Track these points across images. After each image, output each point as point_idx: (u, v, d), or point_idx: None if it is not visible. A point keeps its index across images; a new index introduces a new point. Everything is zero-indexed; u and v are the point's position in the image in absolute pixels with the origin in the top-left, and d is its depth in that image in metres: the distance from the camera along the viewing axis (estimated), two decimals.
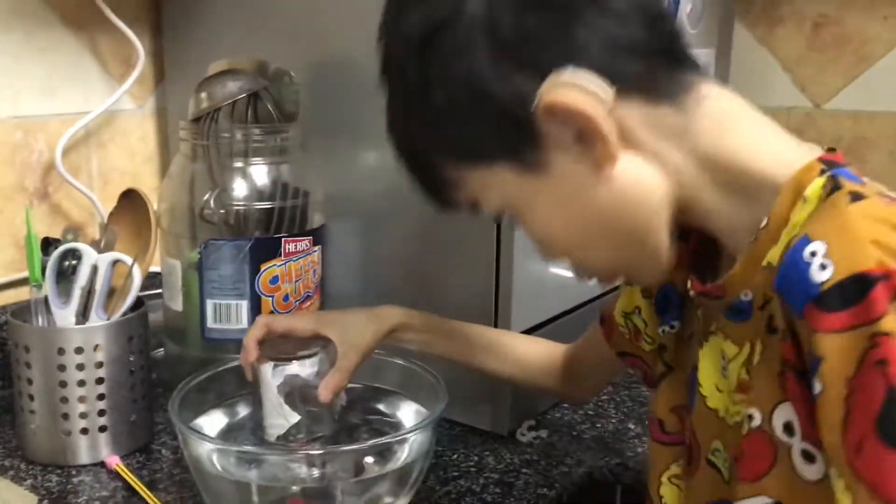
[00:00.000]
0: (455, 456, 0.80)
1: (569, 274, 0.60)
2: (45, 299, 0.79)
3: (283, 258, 0.85)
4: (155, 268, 0.95)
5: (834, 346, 0.42)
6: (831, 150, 0.53)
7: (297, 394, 0.71)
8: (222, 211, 0.85)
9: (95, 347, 0.76)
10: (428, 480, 0.75)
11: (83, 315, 0.79)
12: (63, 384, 0.75)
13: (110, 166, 1.04)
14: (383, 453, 0.68)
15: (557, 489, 0.76)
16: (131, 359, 0.79)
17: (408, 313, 0.77)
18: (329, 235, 0.91)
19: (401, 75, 0.55)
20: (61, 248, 0.79)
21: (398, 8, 0.54)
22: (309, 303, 0.88)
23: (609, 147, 0.50)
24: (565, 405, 0.92)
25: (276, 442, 0.71)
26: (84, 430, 0.77)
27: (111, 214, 0.86)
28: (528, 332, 0.84)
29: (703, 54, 1.09)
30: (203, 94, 0.84)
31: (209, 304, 0.85)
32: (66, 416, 0.76)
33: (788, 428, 0.46)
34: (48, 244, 0.81)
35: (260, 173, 0.86)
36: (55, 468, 0.77)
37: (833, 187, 0.47)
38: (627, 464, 0.81)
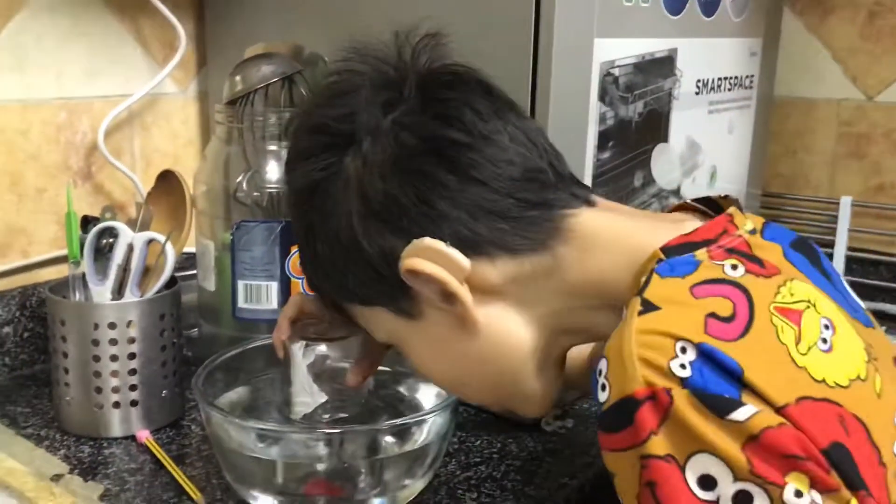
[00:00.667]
0: (478, 442, 0.80)
1: None
2: (83, 276, 0.81)
3: None
4: (191, 248, 0.97)
5: (618, 465, 0.45)
6: (725, 202, 0.54)
7: (326, 375, 0.71)
8: (255, 193, 0.86)
9: (128, 323, 0.78)
10: (449, 465, 0.75)
11: (118, 292, 0.81)
12: (96, 358, 0.78)
13: (152, 148, 1.06)
14: (401, 434, 0.69)
15: (580, 479, 0.76)
16: (163, 335, 0.80)
17: None
18: None
19: (292, 222, 0.61)
20: (98, 227, 0.81)
21: (290, 162, 0.60)
22: None
23: (467, 309, 0.54)
24: None
25: (299, 421, 0.72)
26: (116, 404, 0.79)
27: (149, 194, 0.88)
28: None
29: (747, 44, 1.07)
30: (238, 78, 0.86)
31: (240, 284, 0.87)
32: (98, 390, 0.78)
33: None
34: (87, 222, 0.83)
35: None
36: (88, 440, 0.79)
37: (641, 287, 0.47)
38: None
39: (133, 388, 0.79)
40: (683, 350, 0.43)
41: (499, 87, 0.58)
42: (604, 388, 0.45)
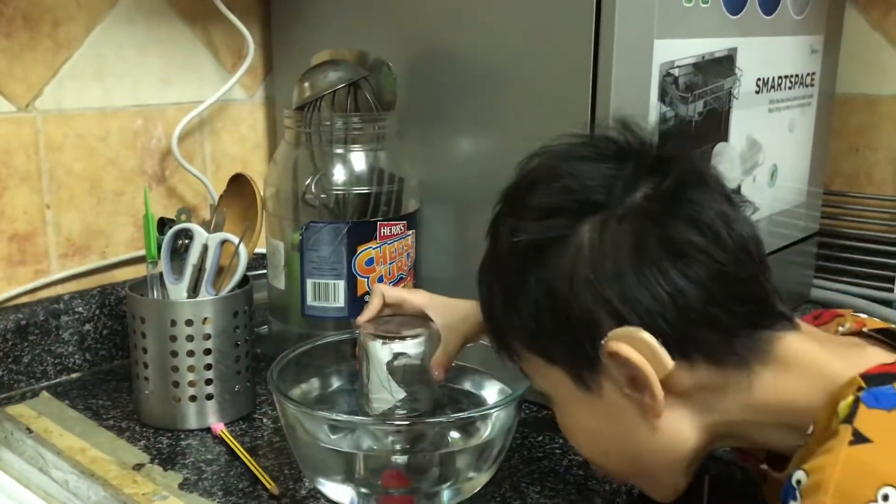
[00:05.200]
0: (540, 438, 0.82)
1: None
2: (160, 275, 0.85)
3: (378, 241, 0.89)
4: (261, 249, 1.00)
5: None
6: None
7: (402, 371, 0.74)
8: (323, 195, 0.89)
9: (204, 320, 0.81)
10: (512, 460, 0.77)
11: (194, 290, 0.84)
12: (174, 354, 0.81)
13: (222, 152, 1.10)
14: (467, 428, 0.71)
15: None
16: (236, 332, 0.84)
17: None
18: (422, 220, 0.94)
19: (500, 265, 0.59)
20: (175, 228, 0.84)
21: (525, 212, 0.57)
22: (402, 284, 0.91)
23: (656, 405, 0.54)
24: None
25: (376, 416, 0.74)
26: (192, 398, 0.82)
27: (221, 197, 0.91)
28: None
29: (808, 41, 1.06)
30: (306, 84, 0.89)
31: (309, 283, 0.90)
32: (176, 384, 0.82)
33: None
34: (163, 224, 0.87)
35: (358, 159, 0.90)
36: (166, 431, 0.83)
37: (849, 415, 0.48)
38: (715, 454, 0.81)
39: (208, 382, 0.82)
40: (886, 497, 0.44)
41: (730, 190, 0.58)
42: (795, 498, 0.47)
